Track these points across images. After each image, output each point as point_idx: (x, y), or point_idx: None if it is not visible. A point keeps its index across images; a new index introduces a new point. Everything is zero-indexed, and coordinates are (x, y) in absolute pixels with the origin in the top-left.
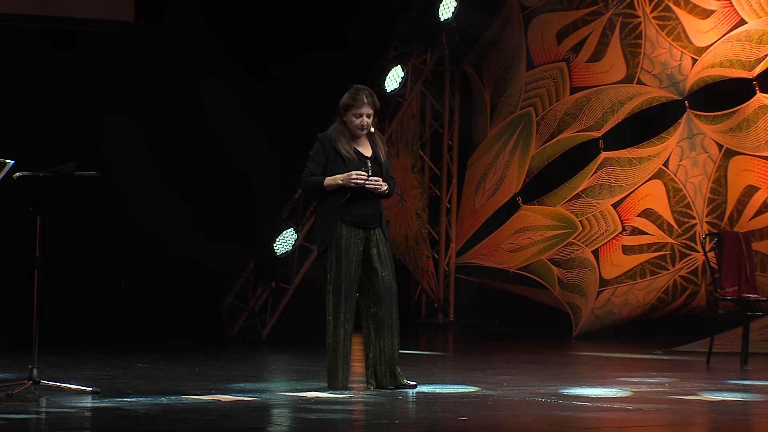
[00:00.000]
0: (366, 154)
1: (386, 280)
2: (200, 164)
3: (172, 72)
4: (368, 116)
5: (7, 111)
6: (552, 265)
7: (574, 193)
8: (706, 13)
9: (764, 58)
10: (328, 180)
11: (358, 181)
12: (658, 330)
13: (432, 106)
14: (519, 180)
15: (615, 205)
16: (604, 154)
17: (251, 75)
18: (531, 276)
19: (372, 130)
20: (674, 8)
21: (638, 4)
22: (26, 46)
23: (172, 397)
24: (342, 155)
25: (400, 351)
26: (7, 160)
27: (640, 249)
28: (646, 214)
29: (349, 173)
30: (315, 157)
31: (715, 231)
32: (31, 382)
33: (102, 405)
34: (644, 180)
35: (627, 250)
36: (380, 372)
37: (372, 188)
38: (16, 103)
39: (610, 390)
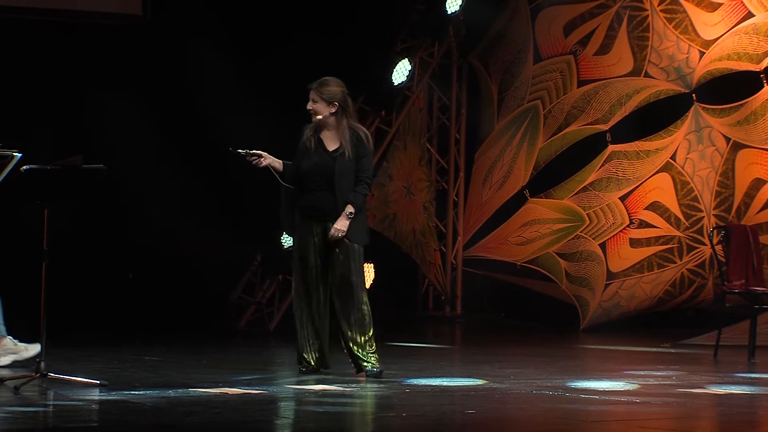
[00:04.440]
0: (330, 147)
1: (341, 271)
2: (208, 156)
3: (179, 65)
4: (313, 101)
5: (13, 104)
6: (559, 258)
7: (582, 186)
8: (713, 6)
9: None
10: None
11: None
12: (666, 323)
13: (439, 99)
14: (526, 173)
15: (622, 198)
16: (611, 147)
17: (258, 65)
18: (538, 269)
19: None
20: (681, 1)
21: None
22: (32, 39)
23: (180, 390)
24: (303, 144)
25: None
26: (15, 153)
27: (648, 242)
28: (654, 207)
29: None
30: None
31: (722, 224)
32: (38, 374)
33: (109, 398)
34: (652, 173)
35: (634, 243)
36: (351, 358)
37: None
38: (22, 96)
39: (617, 383)
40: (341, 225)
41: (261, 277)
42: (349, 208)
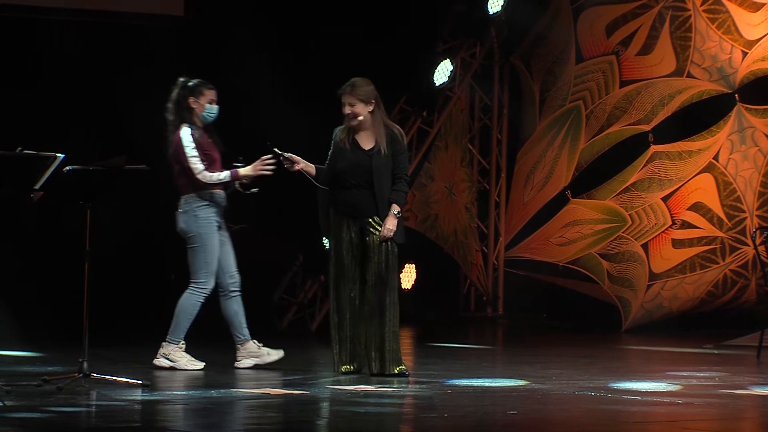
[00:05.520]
0: (365, 147)
1: (377, 268)
2: (247, 157)
3: (221, 65)
4: (350, 105)
5: (55, 106)
6: (601, 259)
7: (624, 187)
8: (756, 6)
9: None
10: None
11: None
12: (708, 324)
13: (481, 100)
14: (568, 173)
15: (665, 199)
16: (653, 148)
17: (299, 65)
18: (580, 270)
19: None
20: (724, 1)
21: None
22: (76, 40)
23: (222, 391)
24: (336, 146)
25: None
26: (57, 154)
27: (690, 243)
28: (696, 207)
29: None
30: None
31: (765, 225)
32: (81, 375)
33: (151, 398)
34: (694, 173)
35: (677, 243)
36: (370, 357)
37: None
38: (65, 98)
39: (659, 384)
40: (391, 225)
41: (302, 278)
42: (395, 208)
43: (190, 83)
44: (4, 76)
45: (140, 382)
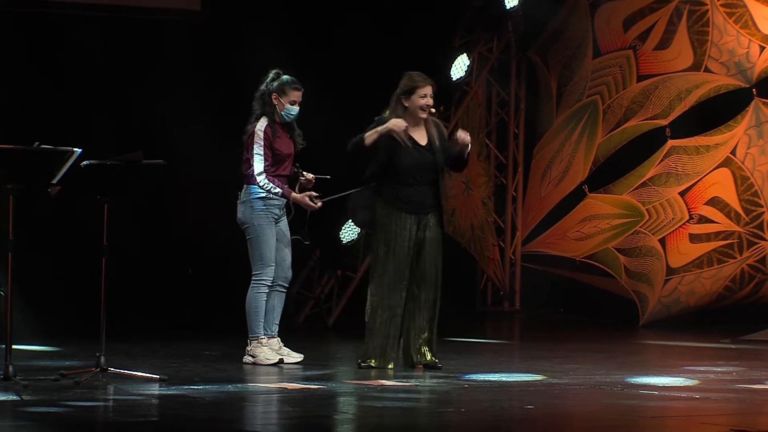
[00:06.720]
0: (421, 143)
1: (431, 263)
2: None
3: (238, 59)
4: (431, 96)
5: (73, 101)
6: (618, 254)
7: (641, 182)
8: None
9: None
10: (368, 136)
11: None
12: (725, 319)
13: (498, 95)
14: (585, 168)
15: (682, 194)
16: (671, 142)
17: (317, 59)
18: (597, 264)
19: (428, 115)
20: None
21: None
22: (91, 35)
23: (239, 385)
24: (397, 140)
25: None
26: (74, 149)
27: (707, 237)
28: (714, 202)
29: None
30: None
31: None
32: (98, 369)
33: (169, 392)
34: (711, 168)
35: (694, 238)
36: (413, 350)
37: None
38: (82, 92)
39: (677, 379)
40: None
41: (320, 272)
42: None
43: (277, 80)
44: (22, 71)
45: (158, 376)
